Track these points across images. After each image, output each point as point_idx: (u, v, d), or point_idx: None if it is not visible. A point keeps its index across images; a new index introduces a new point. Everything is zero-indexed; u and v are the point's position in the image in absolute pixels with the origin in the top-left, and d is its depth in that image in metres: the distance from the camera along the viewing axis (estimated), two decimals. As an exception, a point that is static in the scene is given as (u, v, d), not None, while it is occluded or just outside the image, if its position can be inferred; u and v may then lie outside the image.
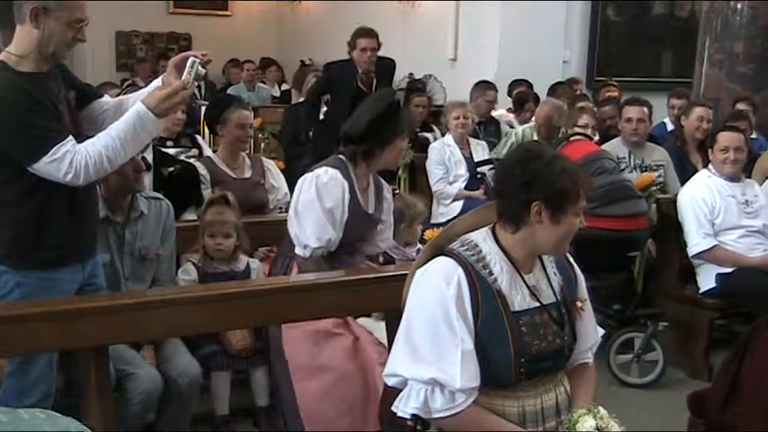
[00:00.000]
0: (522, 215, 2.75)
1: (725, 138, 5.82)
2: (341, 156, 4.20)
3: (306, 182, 4.12)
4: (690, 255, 5.64)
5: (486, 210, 2.90)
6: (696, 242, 5.61)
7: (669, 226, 6.06)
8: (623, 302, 6.06)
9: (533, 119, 7.94)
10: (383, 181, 4.47)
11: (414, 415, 2.74)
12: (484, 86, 8.86)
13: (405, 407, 2.74)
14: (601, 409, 2.72)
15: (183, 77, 3.52)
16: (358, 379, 3.99)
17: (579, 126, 6.37)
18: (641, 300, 6.23)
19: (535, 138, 7.21)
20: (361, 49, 7.45)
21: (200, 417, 4.39)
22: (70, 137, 3.40)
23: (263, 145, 9.39)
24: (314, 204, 4.06)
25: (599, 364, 5.33)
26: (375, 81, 7.48)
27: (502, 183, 2.84)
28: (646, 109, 6.63)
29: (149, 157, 4.67)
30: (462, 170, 7.07)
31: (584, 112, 6.62)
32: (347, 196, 4.12)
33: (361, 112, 4.19)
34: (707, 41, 8.71)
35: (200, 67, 3.55)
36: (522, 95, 9.30)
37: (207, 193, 5.10)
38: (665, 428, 4.25)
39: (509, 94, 9.62)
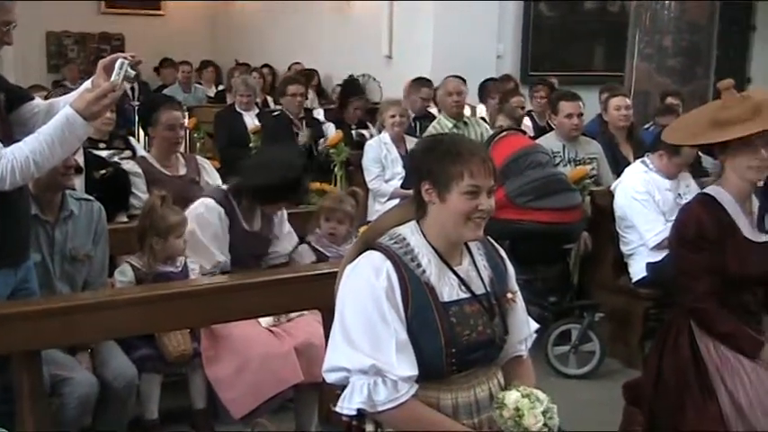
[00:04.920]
0: (421, 199, 2.85)
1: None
2: (224, 187, 4.69)
3: (189, 215, 4.44)
4: (651, 246, 5.67)
5: (412, 203, 2.94)
6: (657, 231, 5.64)
7: (603, 218, 6.12)
8: (559, 294, 6.14)
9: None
10: None
11: (359, 411, 2.75)
12: (419, 83, 8.91)
13: (349, 403, 2.75)
14: (526, 386, 2.77)
15: (112, 79, 3.48)
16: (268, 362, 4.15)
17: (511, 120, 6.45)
18: (577, 291, 6.31)
19: (449, 127, 7.25)
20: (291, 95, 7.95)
21: (134, 420, 4.36)
22: None
23: (198, 145, 9.34)
24: (195, 235, 4.44)
25: (536, 356, 5.43)
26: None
27: (406, 173, 2.96)
28: (581, 103, 6.73)
29: (80, 159, 4.62)
30: (399, 168, 7.07)
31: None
32: (225, 221, 4.50)
33: (262, 169, 4.59)
34: (637, 36, 8.87)
35: (129, 69, 3.51)
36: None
37: (143, 191, 5.10)
38: (604, 418, 4.31)
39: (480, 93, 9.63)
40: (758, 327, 3.76)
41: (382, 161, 7.12)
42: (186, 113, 8.54)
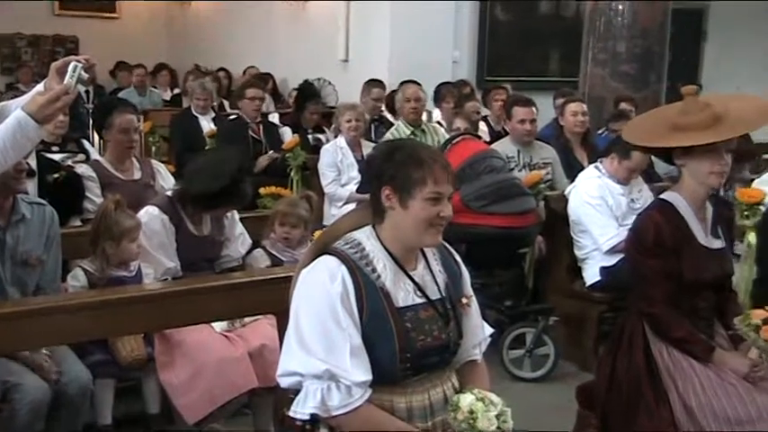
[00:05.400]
0: (380, 204, 2.85)
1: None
2: (168, 193, 4.69)
3: None
4: (605, 250, 5.71)
5: (368, 208, 2.94)
6: (610, 235, 5.68)
7: (558, 223, 6.17)
8: (515, 298, 6.17)
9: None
10: None
11: (312, 415, 2.75)
12: (370, 85, 8.94)
13: (303, 408, 2.76)
14: (480, 390, 2.79)
15: (65, 82, 3.44)
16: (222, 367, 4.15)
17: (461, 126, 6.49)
18: (532, 295, 6.36)
19: (407, 133, 7.27)
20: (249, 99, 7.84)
21: (88, 426, 4.32)
22: None
23: (153, 149, 9.27)
24: (141, 244, 4.43)
25: (492, 360, 5.45)
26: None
27: (363, 178, 2.95)
28: (534, 108, 6.79)
29: (33, 163, 4.57)
30: (354, 172, 7.07)
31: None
32: (171, 228, 4.53)
33: (198, 175, 4.57)
34: (591, 41, 8.94)
35: (82, 72, 3.48)
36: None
37: (96, 194, 5.08)
38: (558, 421, 4.33)
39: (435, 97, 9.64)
40: (710, 331, 3.82)
41: (338, 165, 7.11)
42: (141, 117, 8.47)
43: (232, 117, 8.13)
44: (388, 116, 9.05)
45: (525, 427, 3.20)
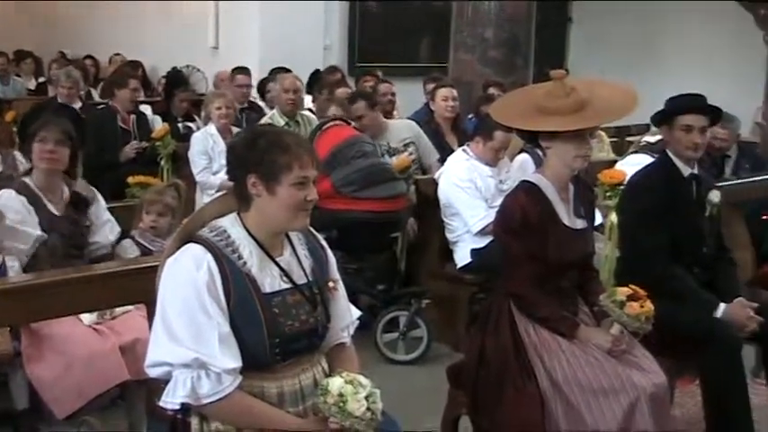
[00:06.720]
0: (245, 192, 2.84)
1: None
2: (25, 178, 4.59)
3: None
4: (475, 232, 5.78)
5: (233, 195, 2.94)
6: (480, 217, 5.76)
7: (428, 206, 6.24)
8: (388, 282, 6.24)
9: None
10: (90, 186, 4.79)
11: (182, 405, 2.74)
12: (235, 72, 8.94)
13: (173, 398, 2.75)
14: (349, 372, 2.82)
15: None
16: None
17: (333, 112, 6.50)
18: (405, 279, 6.42)
19: (281, 124, 7.25)
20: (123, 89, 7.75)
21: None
22: None
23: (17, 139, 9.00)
24: (2, 223, 4.34)
25: (366, 344, 5.51)
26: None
27: (227, 166, 2.94)
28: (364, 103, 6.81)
29: None
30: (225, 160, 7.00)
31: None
32: (30, 207, 4.45)
33: None
34: (460, 27, 9.06)
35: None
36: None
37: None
38: (433, 401, 4.38)
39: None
40: (573, 308, 3.92)
41: (209, 153, 7.05)
42: (4, 106, 8.25)
43: (101, 106, 7.98)
44: (261, 104, 9.01)
45: (401, 409, 3.25)
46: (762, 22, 9.34)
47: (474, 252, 5.82)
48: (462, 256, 5.93)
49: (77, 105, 8.29)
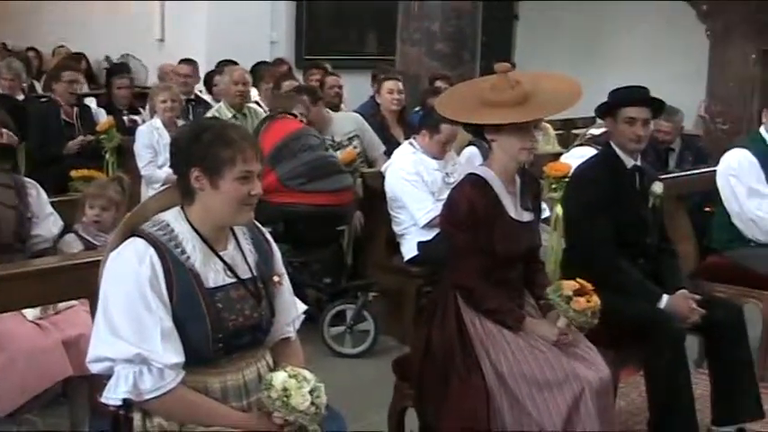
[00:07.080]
0: (188, 186, 2.83)
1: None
2: None
3: None
4: (421, 225, 5.78)
5: (176, 189, 2.92)
6: (427, 209, 5.76)
7: (375, 199, 6.23)
8: (334, 275, 6.25)
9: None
10: (25, 179, 4.67)
11: (124, 400, 2.72)
12: (181, 63, 8.85)
13: (115, 393, 2.72)
14: (293, 367, 2.82)
15: None
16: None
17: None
18: (351, 272, 6.43)
19: (228, 117, 7.20)
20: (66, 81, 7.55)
21: None
22: None
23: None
24: None
25: (313, 337, 5.50)
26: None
27: (171, 159, 2.93)
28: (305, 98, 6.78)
29: None
30: (171, 154, 6.95)
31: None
32: None
33: None
34: (406, 21, 9.08)
35: None
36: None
37: None
38: (380, 394, 4.38)
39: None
40: (520, 301, 3.94)
41: (155, 146, 6.99)
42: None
43: (43, 99, 7.86)
44: (206, 97, 8.95)
45: (348, 402, 3.26)
46: (704, 16, 9.45)
47: (421, 245, 5.83)
48: (409, 249, 5.93)
49: (20, 98, 8.18)
